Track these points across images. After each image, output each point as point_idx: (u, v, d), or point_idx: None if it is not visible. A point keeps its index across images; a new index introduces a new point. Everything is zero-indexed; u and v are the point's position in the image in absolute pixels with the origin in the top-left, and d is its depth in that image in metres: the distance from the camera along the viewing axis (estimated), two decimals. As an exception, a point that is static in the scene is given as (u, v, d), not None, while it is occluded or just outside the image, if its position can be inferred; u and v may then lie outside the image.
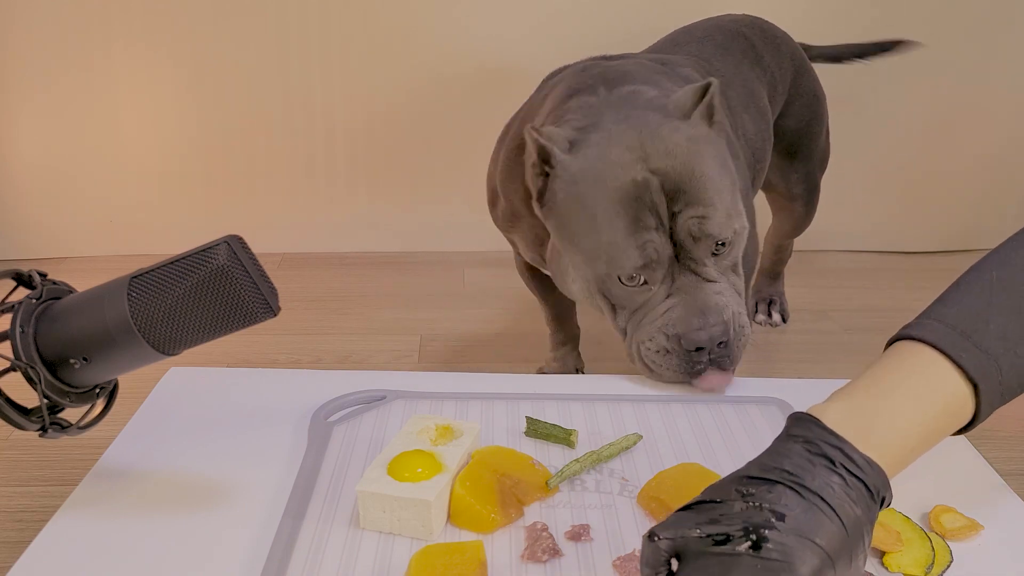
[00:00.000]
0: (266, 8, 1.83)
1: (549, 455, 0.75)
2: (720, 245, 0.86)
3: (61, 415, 0.64)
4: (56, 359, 0.61)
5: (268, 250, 1.94)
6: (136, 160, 1.93)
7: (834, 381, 0.67)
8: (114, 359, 0.60)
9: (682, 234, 0.84)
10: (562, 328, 1.28)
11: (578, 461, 0.71)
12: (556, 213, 0.89)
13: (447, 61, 1.88)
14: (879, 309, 1.71)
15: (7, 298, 0.62)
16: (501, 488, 0.66)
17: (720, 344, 0.85)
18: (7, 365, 0.60)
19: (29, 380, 0.60)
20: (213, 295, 0.58)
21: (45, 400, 0.61)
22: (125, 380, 0.68)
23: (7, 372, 0.60)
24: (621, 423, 0.80)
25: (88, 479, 0.71)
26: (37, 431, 0.62)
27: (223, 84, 1.88)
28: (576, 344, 1.30)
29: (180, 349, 0.60)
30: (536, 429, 0.77)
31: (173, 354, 0.61)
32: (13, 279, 0.63)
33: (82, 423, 0.65)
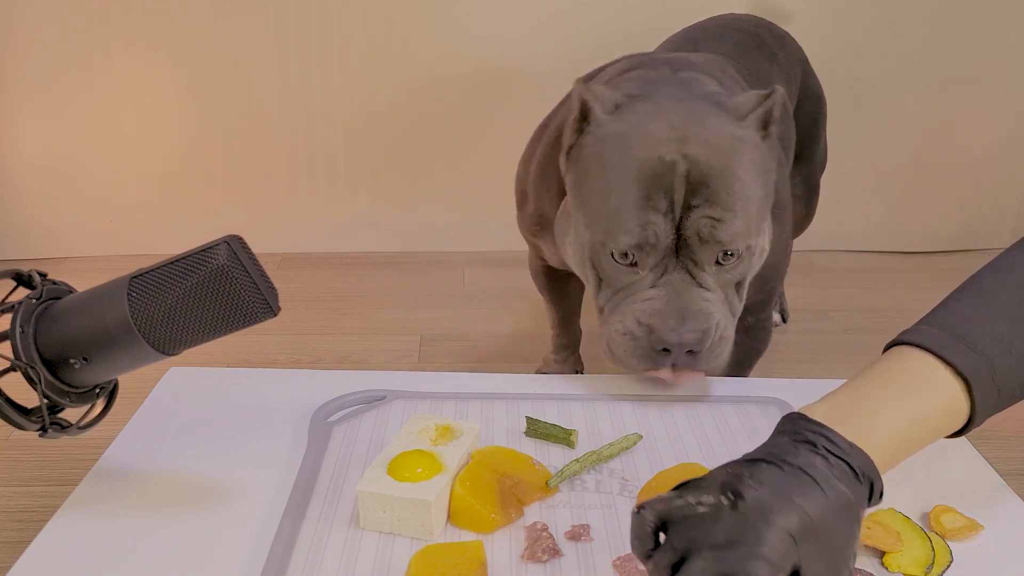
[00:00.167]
0: (266, 8, 1.83)
1: (549, 455, 0.75)
2: (727, 255, 0.81)
3: (61, 415, 0.64)
4: (56, 359, 0.61)
5: (268, 250, 1.94)
6: (136, 160, 1.93)
7: (834, 381, 0.67)
8: (114, 359, 0.60)
9: (690, 231, 0.79)
10: (566, 331, 1.28)
11: (578, 461, 0.71)
12: (576, 168, 0.86)
13: (447, 61, 1.88)
14: (879, 309, 1.71)
15: (7, 298, 0.62)
16: (501, 488, 0.66)
17: (688, 352, 0.80)
18: (7, 365, 0.60)
19: (29, 380, 0.60)
20: (213, 295, 0.58)
21: (45, 400, 0.61)
22: (125, 380, 0.68)
23: (7, 372, 0.60)
24: (621, 423, 0.81)
25: (88, 479, 0.71)
26: (37, 431, 0.62)
27: (223, 84, 1.88)
28: (577, 347, 1.30)
29: (180, 349, 0.60)
30: (536, 429, 0.77)
31: (173, 354, 0.61)
32: (13, 279, 0.63)
33: (82, 423, 0.65)
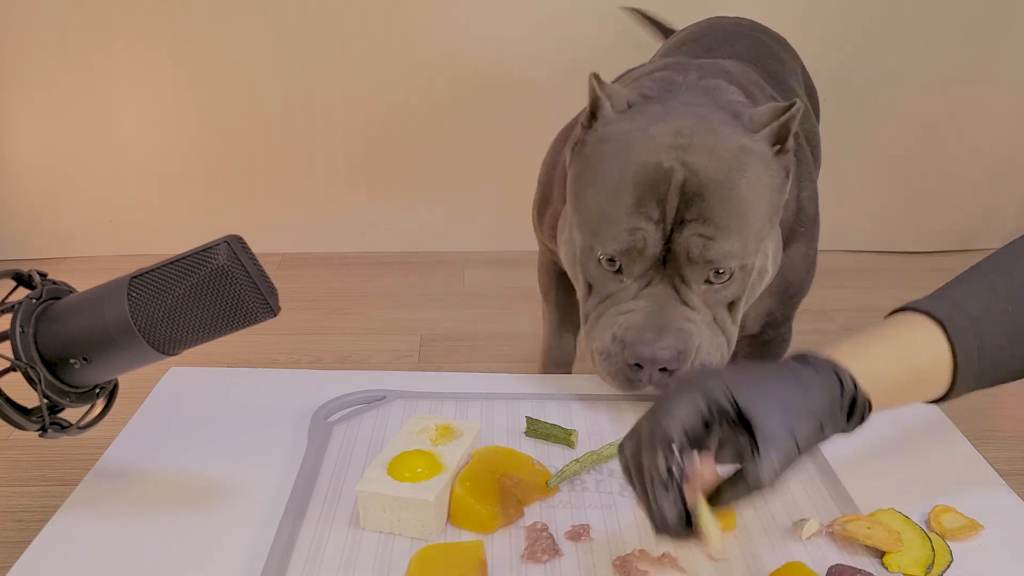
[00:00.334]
0: (266, 8, 1.83)
1: (549, 455, 0.75)
2: (718, 274, 0.77)
3: (61, 415, 0.64)
4: (56, 359, 0.61)
5: (268, 250, 1.94)
6: (136, 160, 1.93)
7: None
8: (114, 359, 0.60)
9: (679, 246, 0.76)
10: (559, 344, 1.21)
11: (578, 461, 0.71)
12: (576, 165, 0.83)
13: (447, 61, 1.88)
14: (879, 309, 1.69)
15: (7, 298, 0.62)
16: (501, 488, 0.66)
17: (663, 370, 0.76)
18: (7, 365, 0.60)
19: (29, 380, 0.60)
20: (213, 295, 0.58)
21: (45, 400, 0.61)
22: (125, 380, 0.68)
23: (7, 372, 0.60)
24: (621, 423, 0.80)
25: (88, 479, 0.71)
26: (37, 431, 0.62)
27: (223, 84, 1.88)
28: (570, 367, 1.22)
29: (180, 349, 0.60)
30: (536, 429, 0.77)
31: (173, 354, 0.61)
32: (13, 279, 0.63)
33: (82, 423, 0.65)
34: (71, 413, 0.65)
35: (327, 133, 1.94)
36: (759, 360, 1.00)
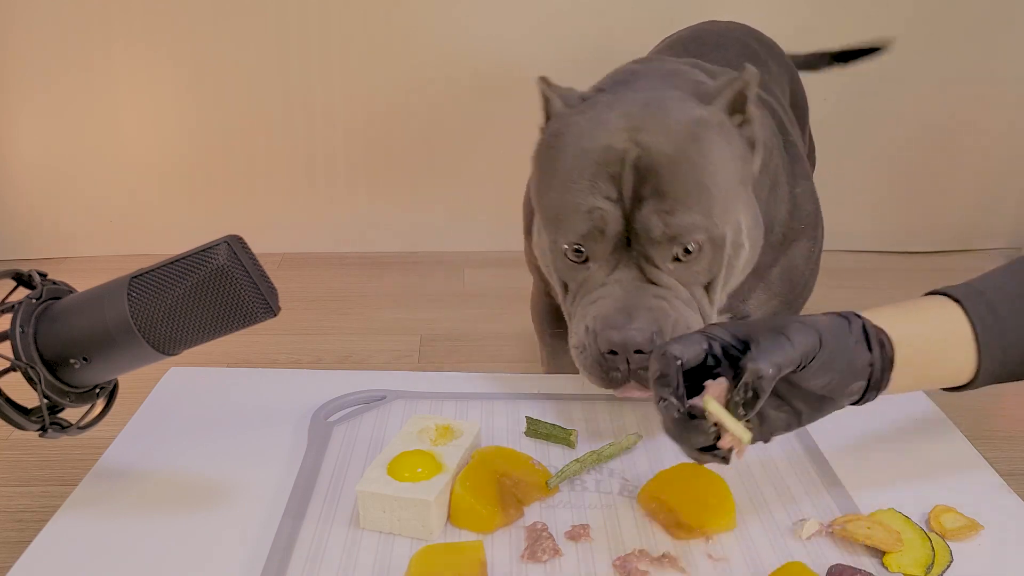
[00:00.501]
0: (266, 8, 1.83)
1: (549, 455, 0.75)
2: (686, 252, 0.73)
3: (61, 415, 0.64)
4: (56, 359, 0.61)
5: (268, 250, 1.94)
6: (136, 160, 1.93)
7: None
8: (114, 359, 0.60)
9: (640, 226, 0.72)
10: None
11: (578, 461, 0.71)
12: (536, 166, 0.81)
13: (447, 61, 1.88)
14: (879, 309, 1.71)
15: (7, 298, 0.62)
16: (501, 488, 0.66)
17: (638, 352, 0.71)
18: (7, 365, 0.60)
19: (29, 380, 0.60)
20: (213, 295, 0.58)
21: (45, 400, 0.61)
22: (125, 380, 0.68)
23: (7, 372, 0.60)
24: (621, 423, 0.80)
25: (88, 479, 0.71)
26: (37, 431, 0.62)
27: (223, 84, 1.88)
28: None
29: (180, 349, 0.60)
30: (536, 429, 0.77)
31: (173, 354, 0.61)
32: (13, 279, 0.63)
33: (82, 423, 0.65)
34: (71, 413, 0.65)
35: (327, 133, 1.94)
36: None
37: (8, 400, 0.60)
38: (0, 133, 1.88)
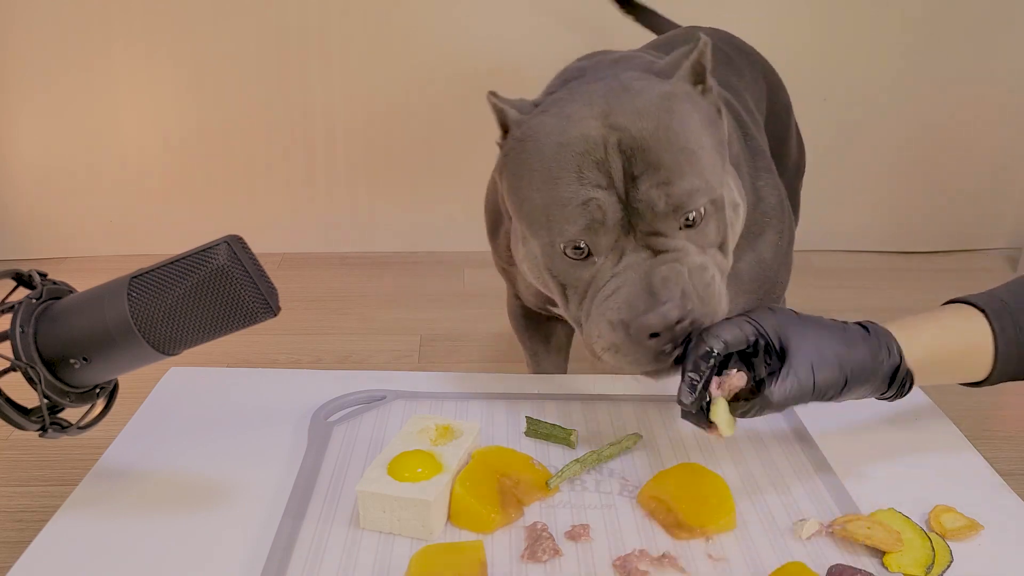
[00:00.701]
0: (266, 8, 1.83)
1: (549, 455, 0.75)
2: (691, 220, 0.72)
3: (61, 415, 0.64)
4: (56, 359, 0.61)
5: (268, 250, 1.94)
6: (136, 160, 1.93)
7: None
8: (114, 359, 0.60)
9: (642, 204, 0.70)
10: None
11: (578, 461, 0.71)
12: (506, 179, 0.78)
13: (447, 61, 1.88)
14: (879, 309, 1.71)
15: (7, 298, 0.62)
16: (501, 488, 0.66)
17: (679, 323, 0.68)
18: (7, 365, 0.60)
19: (29, 380, 0.60)
20: (213, 295, 0.58)
21: (45, 400, 0.61)
22: (125, 380, 0.68)
23: (7, 372, 0.60)
24: (621, 423, 0.80)
25: (88, 479, 0.71)
26: (37, 431, 0.62)
27: (223, 84, 1.89)
28: None
29: (180, 349, 0.60)
30: (536, 429, 0.77)
31: (173, 354, 0.61)
32: (13, 279, 0.63)
33: (82, 423, 0.65)
34: (71, 413, 0.65)
35: (327, 133, 1.95)
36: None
37: (8, 400, 0.60)
38: (0, 133, 1.88)
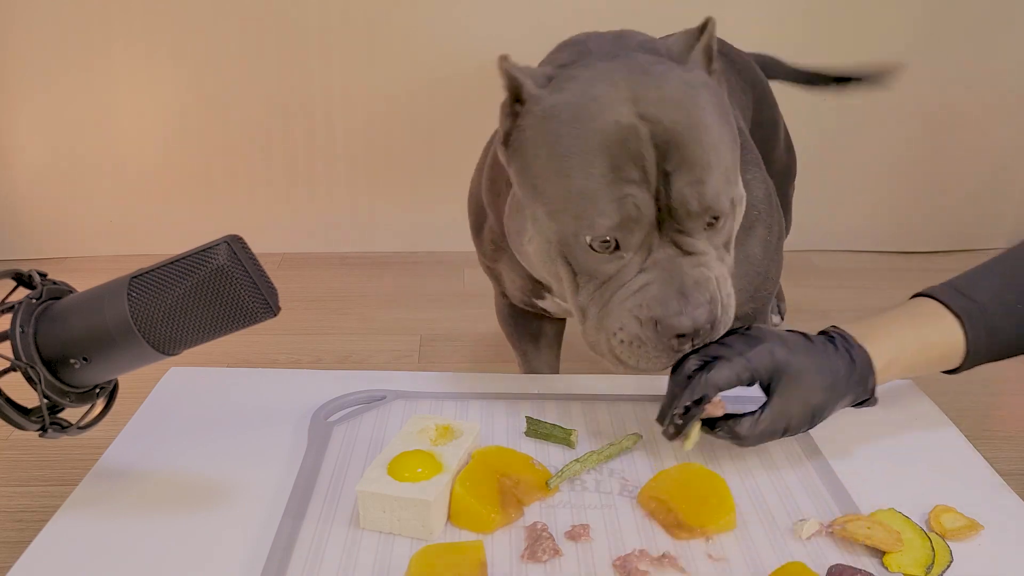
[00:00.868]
0: (266, 8, 1.83)
1: (549, 455, 0.75)
2: (716, 218, 0.71)
3: (61, 415, 0.64)
4: (56, 359, 0.61)
5: (268, 250, 1.94)
6: (136, 160, 1.93)
7: (834, 381, 0.68)
8: (114, 359, 0.60)
9: (675, 200, 0.69)
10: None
11: (578, 461, 0.71)
12: (521, 154, 0.75)
13: (447, 61, 1.88)
14: (879, 309, 1.70)
15: (7, 298, 0.62)
16: (501, 488, 0.66)
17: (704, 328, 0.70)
18: (7, 365, 0.60)
19: (29, 380, 0.60)
20: (213, 295, 0.58)
21: (45, 400, 0.61)
22: (125, 380, 0.68)
23: (7, 372, 0.60)
24: (621, 423, 0.80)
25: (88, 479, 0.71)
26: (37, 431, 0.62)
27: (223, 84, 1.88)
28: None
29: (180, 349, 0.60)
30: (536, 429, 0.77)
31: (173, 354, 0.61)
32: (13, 279, 0.63)
33: (82, 423, 0.65)
34: (71, 413, 0.64)
35: (327, 133, 1.94)
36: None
37: (8, 400, 0.60)
38: (0, 133, 1.88)
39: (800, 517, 0.66)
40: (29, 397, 0.61)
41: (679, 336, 0.70)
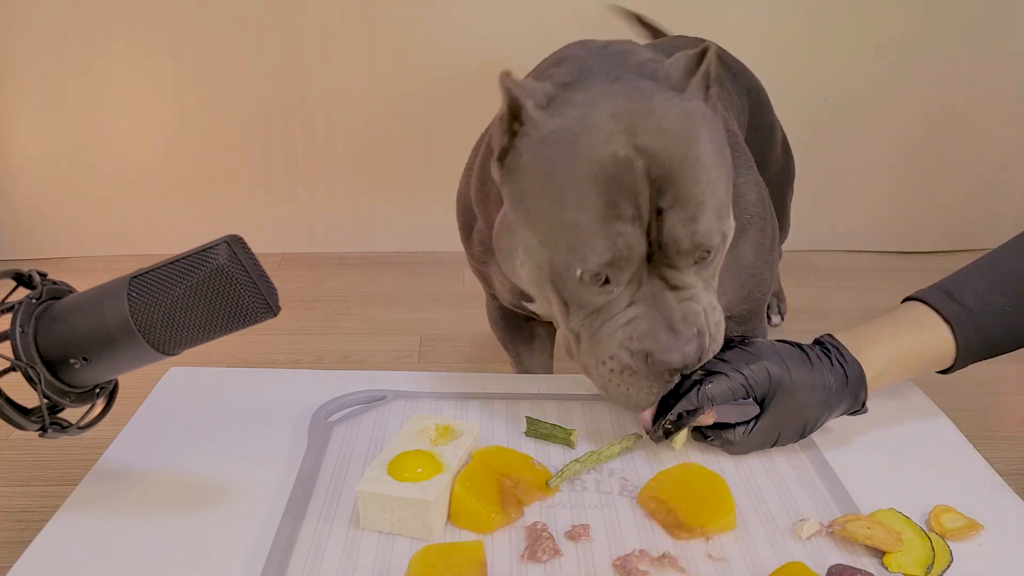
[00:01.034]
0: (266, 8, 1.83)
1: (549, 455, 0.75)
2: (705, 253, 0.72)
3: (61, 415, 0.64)
4: (56, 359, 0.61)
5: (268, 250, 1.94)
6: (136, 160, 1.93)
7: (834, 381, 0.68)
8: (114, 359, 0.60)
9: (666, 237, 0.69)
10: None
11: (578, 461, 0.71)
12: (516, 177, 0.74)
13: (447, 61, 1.88)
14: (879, 309, 1.70)
15: (7, 298, 0.62)
16: (501, 488, 0.66)
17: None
18: (7, 365, 0.60)
19: (29, 380, 0.60)
20: (213, 295, 0.58)
21: (45, 400, 0.61)
22: (125, 380, 0.68)
23: (7, 372, 0.60)
24: (621, 423, 0.80)
25: (88, 479, 0.71)
26: (37, 431, 0.62)
27: (223, 84, 1.88)
28: None
29: (180, 349, 0.60)
30: (536, 429, 0.77)
31: (173, 354, 0.61)
32: (13, 279, 0.63)
33: (82, 423, 0.65)
34: (71, 413, 0.64)
35: (327, 133, 1.94)
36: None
37: (8, 400, 0.60)
38: (0, 133, 1.88)
39: (800, 517, 0.66)
40: (29, 397, 0.61)
41: (670, 370, 0.71)
